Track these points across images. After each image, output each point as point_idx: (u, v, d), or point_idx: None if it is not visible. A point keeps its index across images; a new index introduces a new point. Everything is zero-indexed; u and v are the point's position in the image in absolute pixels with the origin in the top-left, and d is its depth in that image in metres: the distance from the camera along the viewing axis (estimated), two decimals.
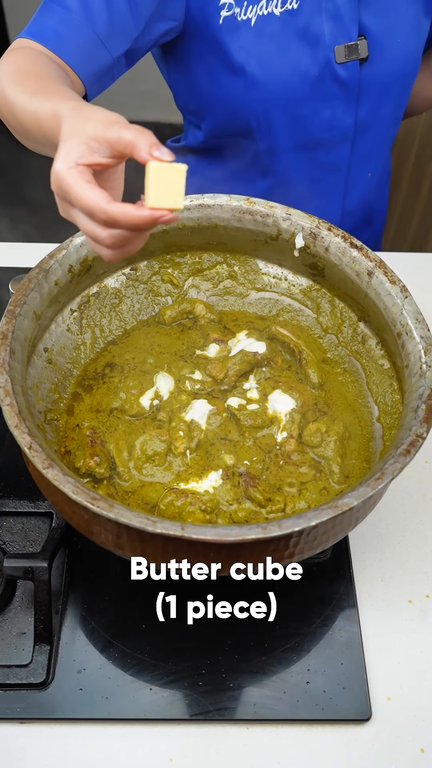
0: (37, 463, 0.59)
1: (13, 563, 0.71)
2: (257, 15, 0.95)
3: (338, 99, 1.03)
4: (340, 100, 1.03)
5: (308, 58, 0.98)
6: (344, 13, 0.97)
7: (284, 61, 0.98)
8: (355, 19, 0.98)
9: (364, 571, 0.80)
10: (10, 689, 0.70)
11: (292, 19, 0.96)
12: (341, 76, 1.01)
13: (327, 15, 0.97)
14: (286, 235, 0.82)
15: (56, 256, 0.75)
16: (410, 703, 0.72)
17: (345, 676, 0.72)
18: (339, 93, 1.02)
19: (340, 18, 0.98)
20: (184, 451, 0.73)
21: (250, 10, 0.94)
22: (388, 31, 1.01)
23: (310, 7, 0.96)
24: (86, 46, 0.86)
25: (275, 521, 0.57)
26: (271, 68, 0.98)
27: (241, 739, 0.69)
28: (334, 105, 1.03)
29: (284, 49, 0.97)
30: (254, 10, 0.95)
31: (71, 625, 0.75)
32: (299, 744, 0.69)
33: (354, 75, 1.01)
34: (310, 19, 0.97)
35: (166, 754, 0.68)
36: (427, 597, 0.79)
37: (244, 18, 0.95)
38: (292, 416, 0.76)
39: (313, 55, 0.98)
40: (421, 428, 0.64)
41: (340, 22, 0.98)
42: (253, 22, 0.95)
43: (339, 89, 1.02)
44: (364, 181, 1.16)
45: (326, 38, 0.98)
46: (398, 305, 0.74)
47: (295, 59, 0.98)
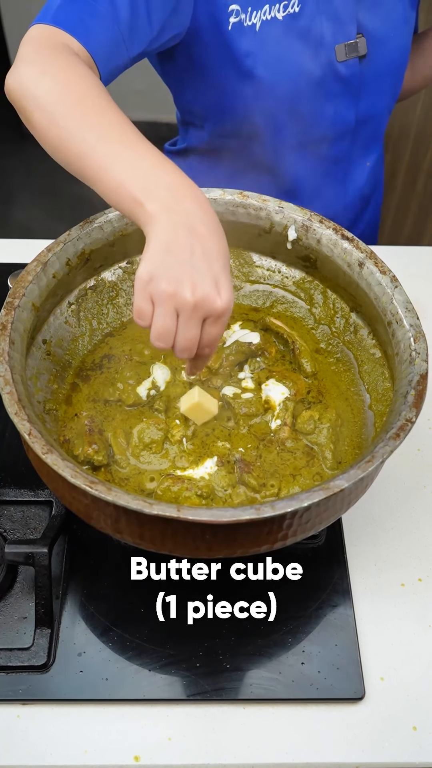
0: (36, 449, 0.61)
1: (14, 549, 0.72)
2: (261, 20, 0.97)
3: (340, 96, 1.06)
4: (342, 96, 1.06)
5: (311, 58, 1.01)
6: (343, 14, 1.01)
7: (289, 63, 1.00)
8: (353, 18, 1.02)
9: (358, 556, 0.82)
10: (12, 672, 0.71)
11: (294, 22, 0.98)
12: (343, 73, 1.04)
13: (326, 16, 1.00)
14: (279, 228, 0.83)
15: (54, 250, 0.76)
16: (403, 683, 0.73)
17: (339, 658, 0.74)
18: (341, 90, 1.06)
19: (339, 18, 1.01)
20: (180, 439, 0.75)
21: (254, 15, 0.96)
22: (383, 27, 1.05)
23: (310, 10, 0.99)
24: (111, 42, 0.84)
25: (269, 502, 0.59)
26: (277, 71, 1.00)
27: (238, 718, 0.71)
28: (336, 102, 1.06)
29: (288, 52, 1.00)
30: (258, 16, 0.97)
31: (71, 610, 0.76)
32: (295, 723, 0.70)
33: (355, 72, 1.05)
34: (311, 21, 0.99)
35: (165, 734, 0.69)
36: (420, 581, 0.81)
37: (249, 24, 0.97)
38: (286, 404, 0.77)
39: (316, 55, 1.01)
40: (410, 413, 0.66)
41: (340, 22, 1.01)
42: (258, 27, 0.97)
43: (341, 86, 1.05)
44: (362, 171, 1.20)
45: (327, 38, 1.01)
46: (388, 295, 0.76)
47: (298, 61, 1.01)
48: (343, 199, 1.21)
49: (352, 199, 1.22)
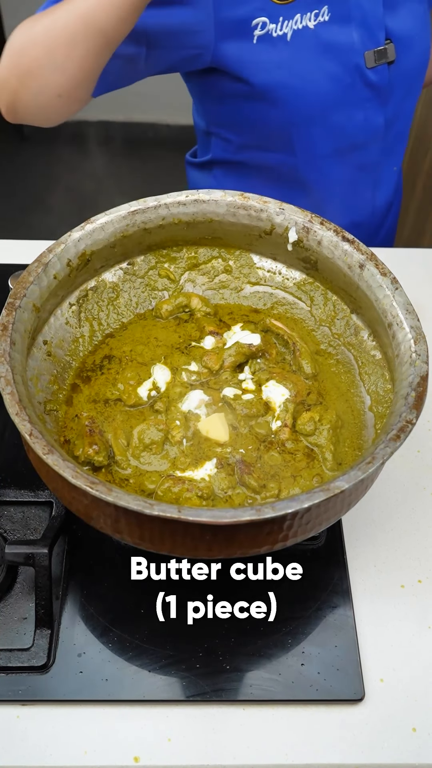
0: (37, 449, 0.61)
1: (14, 549, 0.72)
2: (293, 29, 0.98)
3: (369, 102, 1.07)
4: (371, 102, 1.07)
5: (341, 66, 1.02)
6: (372, 20, 1.02)
7: (321, 71, 1.01)
8: (381, 24, 1.03)
9: (358, 557, 0.82)
10: (11, 672, 0.71)
11: (325, 31, 0.99)
12: (372, 80, 1.05)
13: (356, 23, 1.01)
14: (280, 230, 0.84)
15: (55, 251, 0.77)
16: (402, 684, 0.73)
17: (339, 659, 0.74)
18: (370, 96, 1.07)
19: (368, 25, 1.02)
20: (180, 439, 0.75)
21: (285, 25, 0.97)
22: (409, 32, 1.06)
23: (340, 17, 1.00)
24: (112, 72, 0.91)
25: (269, 503, 0.59)
26: (309, 80, 1.01)
27: (237, 719, 0.71)
28: (366, 107, 1.08)
29: (320, 60, 1.01)
30: (290, 25, 0.97)
31: (71, 610, 0.76)
32: (294, 724, 0.71)
33: (383, 77, 1.06)
34: (340, 28, 1.00)
35: (165, 734, 0.69)
36: (419, 582, 0.81)
37: (279, 33, 0.97)
38: (286, 405, 0.78)
39: (346, 62, 1.02)
40: (410, 414, 0.66)
41: (369, 29, 1.02)
42: (290, 36, 0.98)
43: (370, 92, 1.06)
44: (391, 176, 1.21)
45: (356, 45, 1.02)
46: (389, 296, 0.76)
47: (330, 69, 1.02)
48: (372, 207, 1.22)
49: (381, 205, 1.23)
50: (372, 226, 1.25)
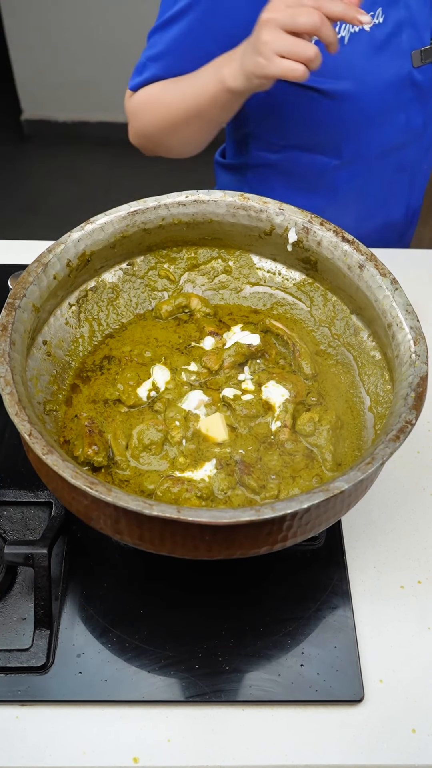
0: (37, 449, 0.61)
1: (13, 550, 0.72)
2: (349, 32, 0.98)
3: (413, 102, 1.07)
4: (414, 102, 1.07)
5: (392, 67, 1.03)
6: (419, 20, 1.02)
7: (376, 73, 1.01)
8: (428, 24, 1.03)
9: (358, 558, 0.82)
10: (11, 673, 0.71)
11: (379, 33, 1.00)
12: (417, 79, 1.05)
13: (406, 23, 1.01)
14: (280, 230, 0.84)
15: (55, 251, 0.77)
16: (402, 685, 0.73)
17: (338, 659, 0.74)
18: (414, 96, 1.07)
19: (416, 25, 1.02)
20: (180, 440, 0.75)
21: (343, 28, 0.97)
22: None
23: (393, 19, 1.00)
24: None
25: (268, 504, 0.59)
26: (365, 82, 1.01)
27: (237, 720, 0.71)
28: (408, 108, 1.08)
29: (373, 62, 1.01)
30: (347, 28, 0.98)
31: (70, 611, 0.76)
32: (294, 725, 0.70)
33: (428, 77, 1.06)
34: (393, 30, 1.01)
35: (164, 735, 0.69)
36: (419, 583, 0.81)
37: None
38: (286, 406, 0.78)
39: (395, 63, 1.03)
40: (410, 415, 0.66)
41: (416, 29, 1.02)
42: (347, 39, 0.98)
43: (414, 92, 1.06)
44: (423, 176, 1.20)
45: (404, 45, 1.02)
46: (389, 297, 0.76)
47: (384, 70, 1.02)
48: (406, 206, 1.21)
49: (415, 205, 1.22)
50: (404, 225, 1.26)
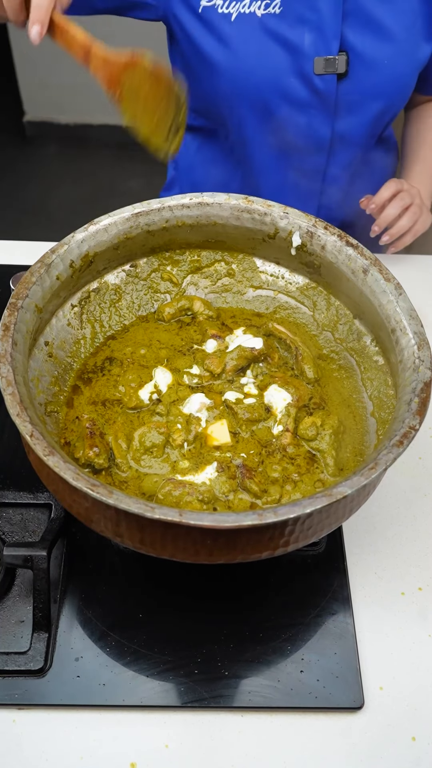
0: (38, 450, 0.60)
1: (12, 551, 0.72)
2: (239, 12, 0.99)
3: (315, 109, 1.05)
4: (316, 110, 1.05)
5: (285, 63, 1.01)
6: (327, 26, 0.99)
7: (259, 61, 1.01)
8: (337, 33, 1.00)
9: (358, 564, 0.82)
10: (8, 676, 0.71)
11: (273, 22, 0.99)
12: (318, 87, 1.03)
13: (309, 25, 0.99)
14: (284, 234, 0.83)
15: (58, 251, 0.76)
16: (402, 693, 0.73)
17: (338, 666, 0.73)
18: (315, 103, 1.04)
19: (322, 30, 0.99)
20: (182, 443, 0.74)
21: (232, 5, 0.98)
22: (372, 51, 1.01)
23: (293, 15, 0.99)
24: None
25: (271, 508, 0.58)
26: (245, 65, 1.01)
27: (235, 726, 0.70)
28: (310, 114, 1.05)
29: (261, 50, 1.00)
30: (236, 7, 0.98)
31: (69, 614, 0.76)
32: (293, 731, 0.70)
33: (330, 88, 1.03)
34: (291, 26, 0.99)
35: (162, 741, 0.69)
36: (420, 590, 0.80)
37: (225, 12, 0.98)
38: (288, 410, 0.77)
39: (292, 61, 1.01)
40: (413, 420, 0.65)
41: (322, 35, 1.00)
42: (234, 17, 0.99)
43: (316, 99, 1.04)
44: (340, 189, 1.17)
45: (306, 48, 1.00)
46: (392, 302, 0.75)
47: (270, 61, 1.01)
48: (317, 213, 1.19)
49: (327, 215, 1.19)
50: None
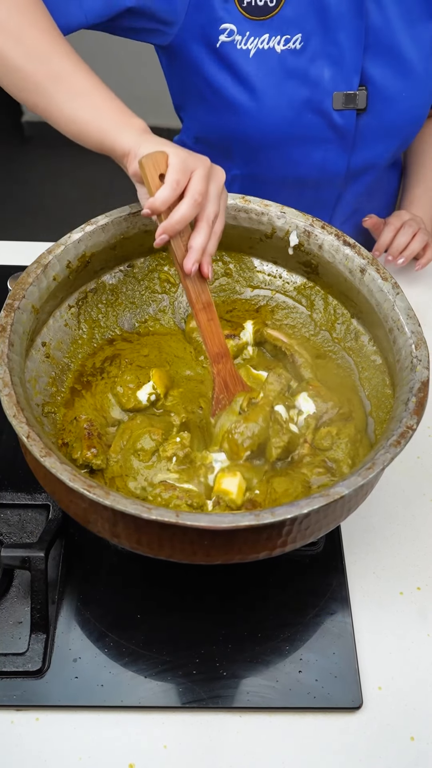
0: (35, 451, 0.60)
1: (10, 552, 0.72)
2: (257, 48, 0.94)
3: (332, 143, 1.02)
4: (333, 144, 1.03)
5: (303, 99, 0.98)
6: (347, 61, 0.96)
7: (277, 99, 0.97)
8: (357, 68, 0.97)
9: (357, 564, 0.82)
10: (6, 677, 0.71)
11: (293, 59, 0.95)
12: (337, 122, 1.00)
13: (330, 60, 0.96)
14: (281, 233, 0.83)
15: (55, 252, 0.76)
16: (401, 693, 0.73)
17: (337, 666, 0.73)
18: (333, 138, 1.02)
19: (342, 65, 0.96)
20: (170, 456, 0.72)
21: (251, 41, 0.94)
22: (392, 84, 1.00)
23: (313, 50, 0.95)
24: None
25: (268, 509, 0.58)
26: (262, 104, 0.98)
27: (234, 726, 0.70)
28: (326, 149, 1.03)
29: (279, 87, 0.97)
30: (255, 43, 0.94)
31: (67, 615, 0.75)
32: (292, 731, 0.70)
33: (350, 123, 1.00)
34: (311, 61, 0.96)
35: (161, 741, 0.69)
36: (418, 589, 0.80)
37: (243, 48, 0.94)
38: (308, 422, 0.76)
39: (310, 97, 0.98)
40: (411, 420, 0.65)
41: (342, 69, 0.97)
42: (252, 53, 0.94)
43: (333, 135, 1.01)
44: (349, 210, 1.16)
45: (326, 83, 0.97)
46: (390, 301, 0.75)
47: (289, 98, 0.97)
48: None
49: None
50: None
